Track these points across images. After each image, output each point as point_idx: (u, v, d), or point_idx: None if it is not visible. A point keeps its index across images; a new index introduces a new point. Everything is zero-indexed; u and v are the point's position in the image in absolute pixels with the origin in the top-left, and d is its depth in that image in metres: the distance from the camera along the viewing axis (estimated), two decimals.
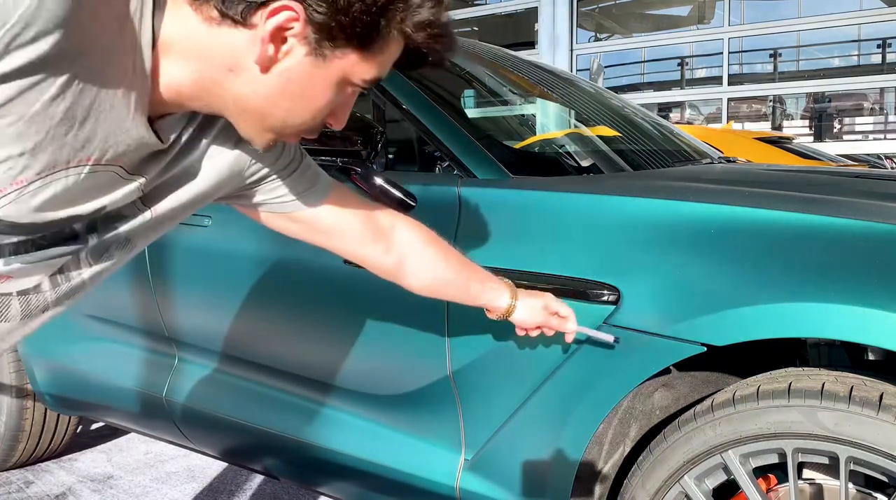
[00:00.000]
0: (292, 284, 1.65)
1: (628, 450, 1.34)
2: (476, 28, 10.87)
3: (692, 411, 1.24)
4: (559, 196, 1.41)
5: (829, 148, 7.57)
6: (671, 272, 1.22)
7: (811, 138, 9.86)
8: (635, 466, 1.30)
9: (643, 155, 2.03)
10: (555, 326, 1.25)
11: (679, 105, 11.22)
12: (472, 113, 2.32)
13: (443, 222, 1.45)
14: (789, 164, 4.47)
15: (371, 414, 1.59)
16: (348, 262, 1.45)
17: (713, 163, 2.19)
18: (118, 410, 2.13)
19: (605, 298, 1.25)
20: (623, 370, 1.24)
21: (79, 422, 2.61)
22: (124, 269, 1.94)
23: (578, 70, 9.24)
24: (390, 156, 2.04)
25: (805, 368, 1.23)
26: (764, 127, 11.10)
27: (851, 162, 6.38)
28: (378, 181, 1.48)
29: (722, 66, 8.73)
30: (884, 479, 1.08)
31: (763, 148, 5.15)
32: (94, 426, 2.94)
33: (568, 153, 2.04)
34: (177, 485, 2.36)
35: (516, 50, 2.92)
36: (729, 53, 8.67)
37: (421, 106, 1.63)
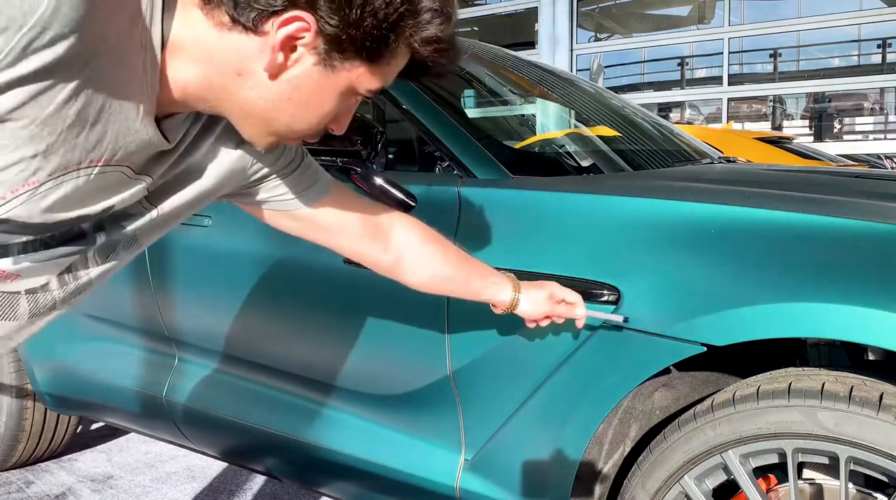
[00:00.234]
0: (292, 283, 1.65)
1: (628, 450, 1.34)
2: (476, 28, 10.87)
3: (692, 411, 1.24)
4: (559, 196, 1.41)
5: (829, 148, 7.57)
6: (671, 272, 1.22)
7: (811, 138, 9.86)
8: (635, 466, 1.30)
9: (643, 155, 2.04)
10: (563, 313, 1.24)
11: (679, 105, 11.22)
12: (472, 113, 2.32)
13: (443, 222, 1.45)
14: (789, 164, 4.47)
15: (371, 414, 1.59)
16: (348, 261, 1.46)
17: (713, 163, 2.19)
18: (118, 410, 2.13)
19: (605, 298, 1.25)
20: (623, 370, 1.24)
21: (79, 422, 2.61)
22: (124, 269, 1.94)
23: (578, 70, 9.25)
24: (390, 156, 2.04)
25: (805, 368, 1.23)
26: (764, 127, 11.10)
27: (851, 162, 6.38)
28: (378, 181, 1.49)
29: (722, 66, 8.73)
30: (884, 479, 1.08)
31: (763, 148, 5.15)
32: (94, 426, 2.94)
33: (568, 153, 2.04)
34: (177, 485, 2.36)
35: (516, 50, 2.92)
36: (729, 53, 8.67)
37: (421, 106, 1.63)
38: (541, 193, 1.44)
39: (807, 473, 1.21)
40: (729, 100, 8.96)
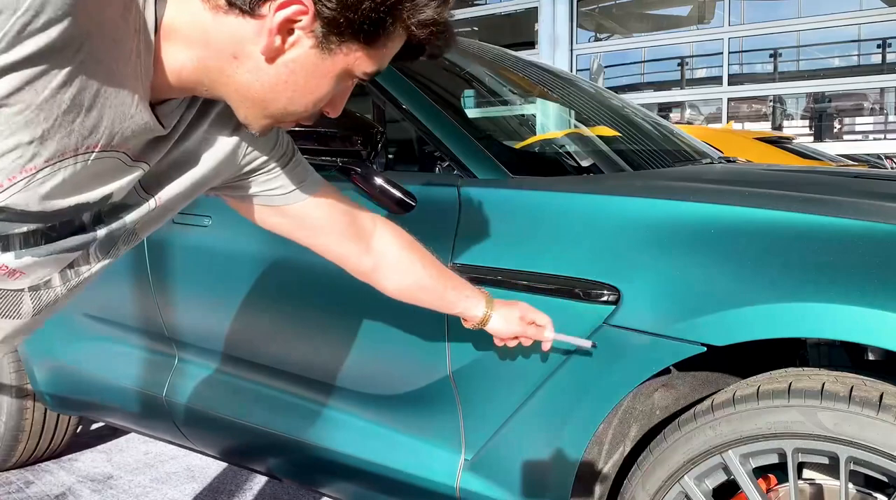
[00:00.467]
0: (292, 284, 1.65)
1: (628, 450, 1.34)
2: (476, 28, 10.87)
3: (692, 411, 1.24)
4: (559, 196, 1.41)
5: (829, 148, 7.56)
6: (671, 272, 1.22)
7: (811, 138, 9.86)
8: (635, 466, 1.30)
9: (643, 155, 2.03)
10: (531, 335, 1.26)
11: (679, 105, 11.21)
12: (472, 113, 2.32)
13: (443, 222, 1.45)
14: (789, 164, 4.47)
15: (371, 414, 1.59)
16: None
17: (713, 163, 2.19)
18: (118, 410, 2.13)
19: (605, 298, 1.25)
20: (623, 370, 1.24)
21: (79, 422, 2.61)
22: (124, 269, 1.94)
23: (578, 70, 9.24)
24: (390, 156, 2.04)
25: (805, 368, 1.23)
26: (764, 127, 11.10)
27: (851, 162, 6.38)
28: (378, 181, 1.49)
29: (722, 66, 8.73)
30: (884, 479, 1.08)
31: (763, 148, 5.15)
32: (94, 426, 2.94)
33: (568, 153, 2.04)
34: (177, 485, 2.36)
35: (516, 50, 2.92)
36: (729, 53, 8.67)
37: (421, 106, 1.63)
38: (541, 193, 1.44)
39: (807, 473, 1.21)
40: (729, 100, 8.96)
